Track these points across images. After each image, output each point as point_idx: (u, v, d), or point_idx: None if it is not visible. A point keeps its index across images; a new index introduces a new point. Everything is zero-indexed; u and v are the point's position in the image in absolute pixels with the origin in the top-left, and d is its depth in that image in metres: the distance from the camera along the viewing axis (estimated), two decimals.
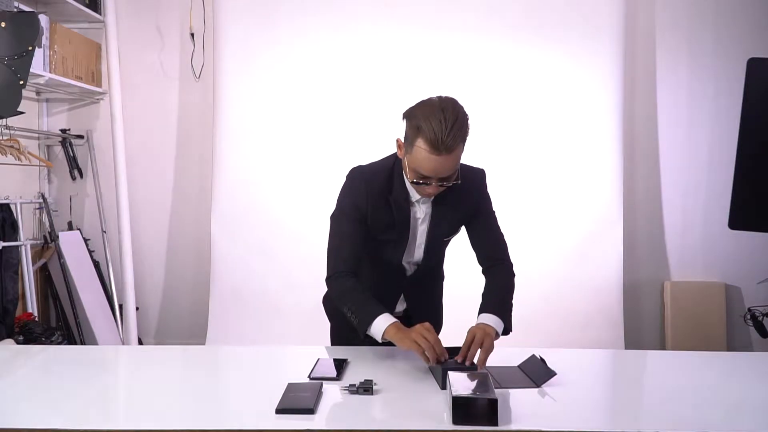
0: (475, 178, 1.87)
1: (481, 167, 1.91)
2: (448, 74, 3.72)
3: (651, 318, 4.03)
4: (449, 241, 1.93)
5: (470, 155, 2.00)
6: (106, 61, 3.81)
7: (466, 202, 1.84)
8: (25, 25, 2.96)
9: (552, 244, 3.77)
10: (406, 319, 1.95)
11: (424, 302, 1.95)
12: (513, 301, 1.83)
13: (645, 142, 3.99)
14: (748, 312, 3.33)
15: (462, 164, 1.75)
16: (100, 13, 3.85)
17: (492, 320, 1.73)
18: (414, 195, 1.79)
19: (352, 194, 1.80)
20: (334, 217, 1.84)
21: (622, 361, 2.04)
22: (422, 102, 1.67)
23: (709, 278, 4.01)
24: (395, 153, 1.80)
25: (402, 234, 1.83)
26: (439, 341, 1.61)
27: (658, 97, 3.98)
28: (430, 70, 3.72)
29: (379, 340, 1.67)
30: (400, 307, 1.96)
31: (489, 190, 1.92)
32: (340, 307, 1.78)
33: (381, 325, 1.65)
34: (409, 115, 1.67)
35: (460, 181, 1.70)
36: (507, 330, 1.76)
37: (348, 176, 1.83)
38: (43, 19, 3.31)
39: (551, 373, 1.60)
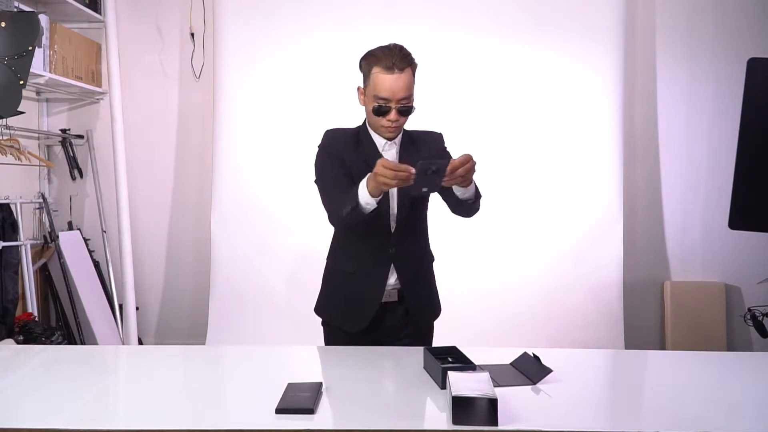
0: (435, 138, 2.10)
1: (438, 131, 2.11)
2: (448, 74, 3.73)
3: (651, 318, 4.03)
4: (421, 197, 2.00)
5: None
6: (106, 61, 3.81)
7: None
8: (25, 25, 2.95)
9: (552, 243, 3.76)
10: (402, 303, 2.00)
11: (415, 279, 2.03)
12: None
13: (645, 142, 3.99)
14: (748, 312, 3.32)
15: (420, 130, 2.02)
16: (100, 13, 3.85)
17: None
18: (380, 144, 1.95)
19: (327, 148, 1.98)
20: (318, 178, 1.97)
21: (622, 361, 2.04)
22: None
23: (709, 278, 4.01)
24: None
25: None
26: (396, 165, 1.71)
27: (658, 97, 3.98)
28: (430, 70, 3.68)
29: (374, 203, 1.78)
30: (392, 278, 1.99)
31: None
32: (346, 216, 1.83)
33: (362, 187, 1.77)
34: (363, 57, 1.94)
35: (415, 108, 1.92)
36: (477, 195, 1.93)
37: (321, 139, 2.01)
38: (43, 19, 3.31)
39: (547, 370, 1.60)
